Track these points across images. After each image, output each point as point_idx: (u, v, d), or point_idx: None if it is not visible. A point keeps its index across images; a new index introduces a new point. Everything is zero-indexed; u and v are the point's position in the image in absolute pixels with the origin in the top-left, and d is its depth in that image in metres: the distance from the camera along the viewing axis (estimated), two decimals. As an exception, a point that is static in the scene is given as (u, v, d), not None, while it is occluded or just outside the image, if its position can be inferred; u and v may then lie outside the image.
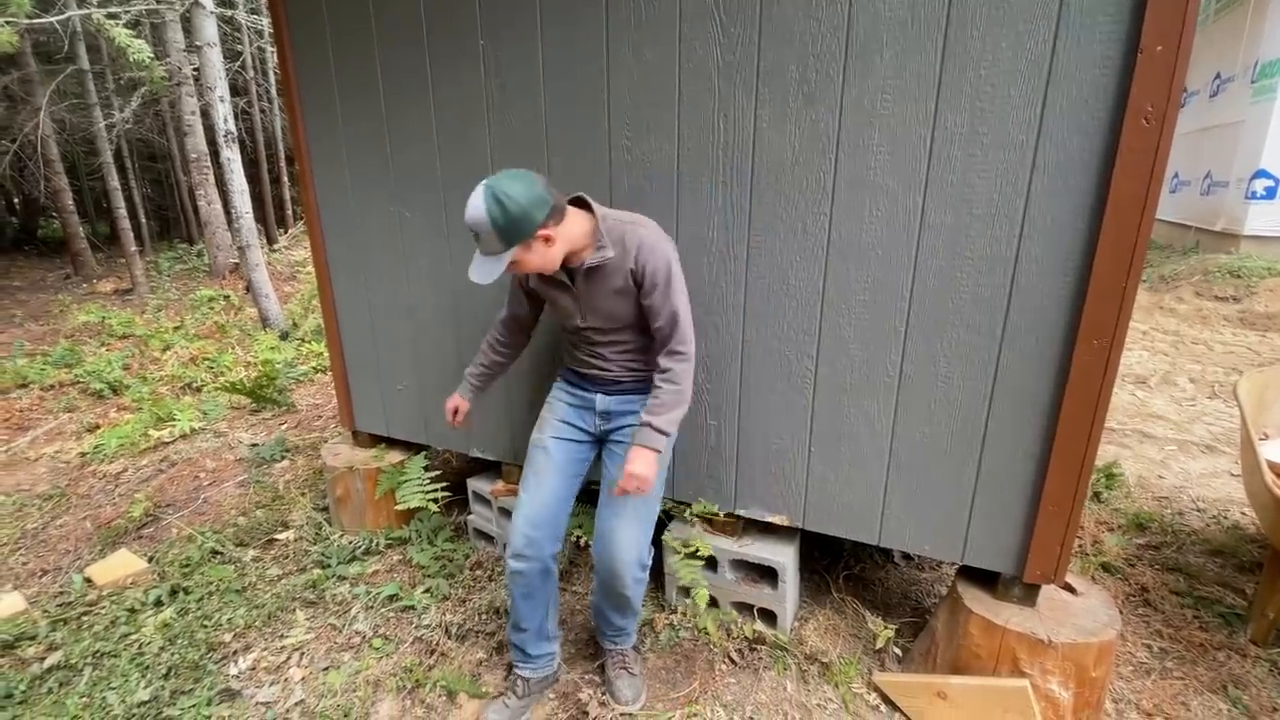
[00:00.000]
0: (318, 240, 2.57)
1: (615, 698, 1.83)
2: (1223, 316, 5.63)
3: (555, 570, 1.81)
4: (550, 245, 1.50)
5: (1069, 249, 1.46)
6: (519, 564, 1.73)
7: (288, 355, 5.24)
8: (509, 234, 1.43)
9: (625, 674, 1.87)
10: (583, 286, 1.62)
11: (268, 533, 2.75)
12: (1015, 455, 1.64)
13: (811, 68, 1.58)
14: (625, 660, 1.90)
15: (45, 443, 3.93)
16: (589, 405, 1.79)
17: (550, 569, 1.78)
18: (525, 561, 1.73)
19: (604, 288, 1.60)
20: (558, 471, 1.77)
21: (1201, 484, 2.97)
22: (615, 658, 1.90)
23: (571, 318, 1.69)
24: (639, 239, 1.55)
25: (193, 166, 7.53)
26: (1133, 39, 1.32)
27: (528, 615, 1.79)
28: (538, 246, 1.48)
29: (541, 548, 1.73)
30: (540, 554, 1.73)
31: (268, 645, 2.13)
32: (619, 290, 1.59)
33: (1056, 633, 1.63)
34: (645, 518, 1.71)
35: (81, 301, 8.29)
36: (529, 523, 1.72)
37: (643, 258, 1.54)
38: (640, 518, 1.70)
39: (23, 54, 8.58)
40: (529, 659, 1.84)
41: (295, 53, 2.35)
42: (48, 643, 2.18)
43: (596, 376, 1.76)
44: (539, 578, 1.76)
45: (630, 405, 1.75)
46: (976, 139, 1.48)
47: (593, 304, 1.64)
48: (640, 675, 1.90)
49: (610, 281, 1.59)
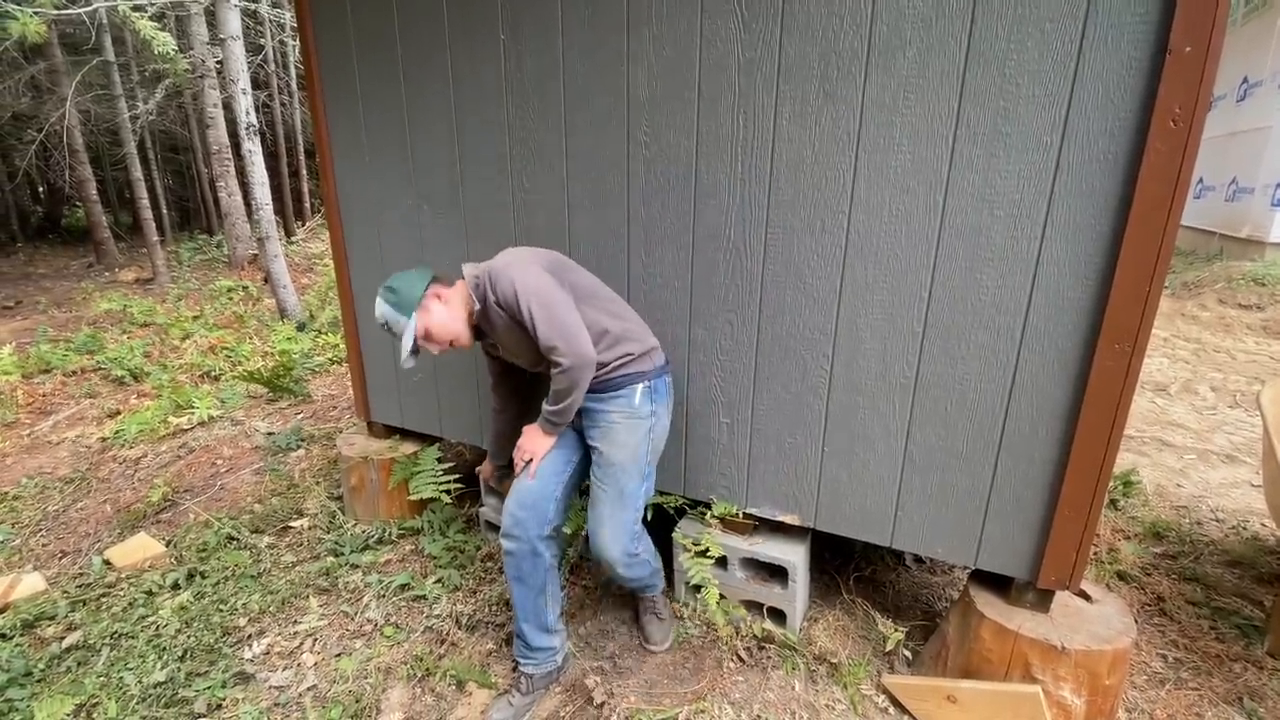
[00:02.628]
0: (337, 232, 2.59)
1: (646, 639, 2.03)
2: (1246, 324, 5.53)
3: (546, 555, 1.83)
4: (443, 301, 1.73)
5: (1092, 252, 1.44)
6: (509, 544, 1.80)
7: (304, 346, 5.30)
8: (403, 307, 1.70)
9: (655, 619, 2.05)
10: (490, 332, 1.78)
11: (283, 520, 2.78)
12: (1032, 460, 1.62)
13: (833, 64, 1.58)
14: (655, 605, 2.06)
15: (67, 427, 4.00)
16: None
17: (539, 551, 1.81)
18: (514, 541, 1.79)
19: (498, 332, 1.74)
20: (547, 458, 1.83)
21: (1221, 494, 2.92)
22: (645, 604, 2.07)
23: (510, 360, 1.88)
24: (490, 278, 1.68)
25: (214, 158, 7.63)
26: (1161, 39, 1.30)
27: (521, 599, 1.83)
28: (434, 306, 1.71)
29: (528, 528, 1.78)
30: (527, 534, 1.78)
31: (281, 630, 2.16)
32: (507, 327, 1.70)
33: (1070, 639, 1.61)
34: (625, 511, 1.78)
35: (104, 290, 8.43)
36: (518, 504, 1.79)
37: (497, 292, 1.66)
38: (619, 512, 1.77)
39: (50, 45, 8.72)
40: (531, 652, 1.86)
41: (318, 46, 2.37)
42: (67, 623, 2.22)
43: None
44: (529, 560, 1.80)
45: (599, 403, 1.78)
46: (1000, 138, 1.46)
47: (504, 341, 1.78)
48: (669, 619, 2.08)
49: (496, 324, 1.72)
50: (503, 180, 2.13)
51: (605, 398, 1.76)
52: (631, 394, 1.76)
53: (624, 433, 1.76)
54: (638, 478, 1.79)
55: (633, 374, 1.76)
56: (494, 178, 2.14)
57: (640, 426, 1.78)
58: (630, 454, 1.76)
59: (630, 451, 1.76)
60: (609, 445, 1.76)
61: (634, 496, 1.79)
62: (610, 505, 1.76)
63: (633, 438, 1.77)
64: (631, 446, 1.76)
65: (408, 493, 2.59)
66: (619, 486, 1.76)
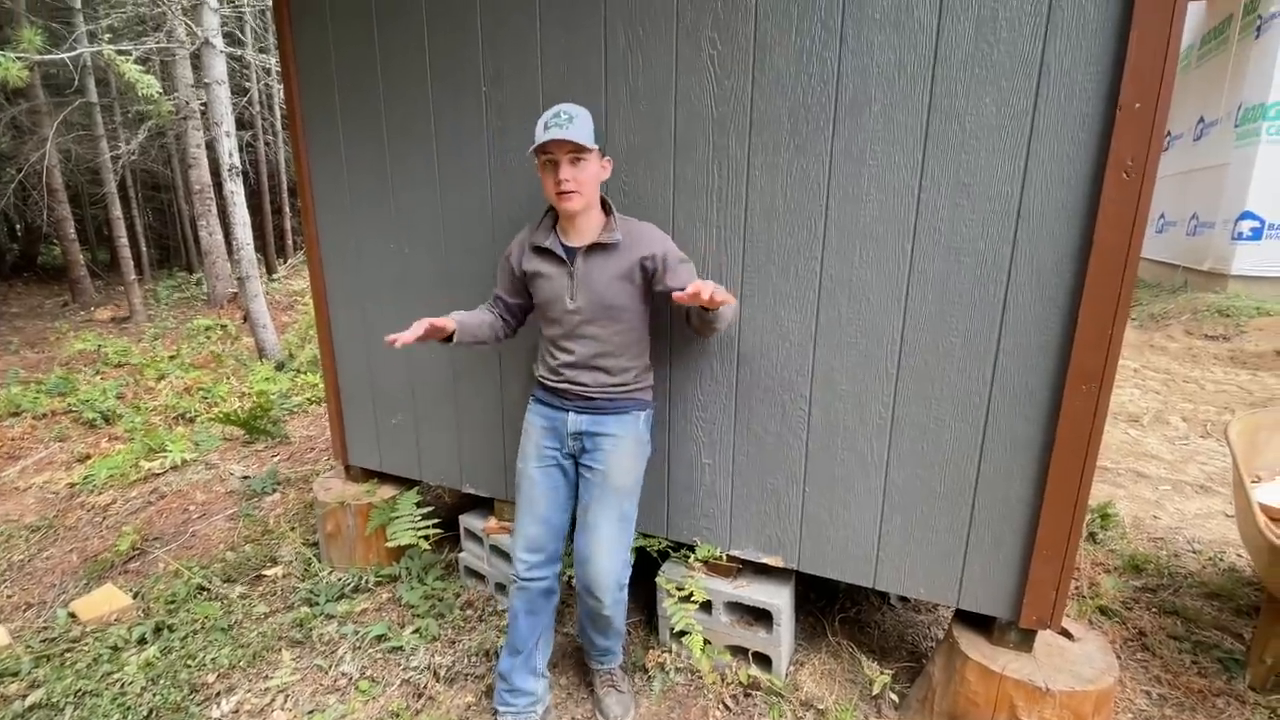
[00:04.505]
0: (317, 273, 2.59)
1: (604, 714, 1.89)
2: (1213, 355, 5.68)
3: (558, 590, 1.89)
4: (605, 172, 1.68)
5: (1055, 295, 1.49)
6: (522, 583, 1.81)
7: (283, 386, 5.23)
8: (597, 135, 1.67)
9: (614, 691, 1.93)
10: (581, 266, 1.67)
11: (256, 568, 2.71)
12: (1008, 498, 1.64)
13: (803, 119, 1.63)
14: (613, 679, 1.96)
15: (35, 472, 3.89)
16: (559, 425, 1.79)
17: (553, 587, 1.86)
18: (528, 583, 1.81)
19: (605, 271, 1.66)
20: (546, 498, 1.81)
21: (1196, 525, 2.96)
22: (603, 677, 1.96)
23: (560, 300, 1.69)
24: (646, 229, 1.69)
25: (196, 198, 7.63)
26: (1112, 95, 1.37)
27: (525, 635, 1.83)
28: (601, 165, 1.66)
29: (542, 570, 1.81)
30: (541, 576, 1.81)
31: (251, 687, 2.08)
32: (621, 276, 1.66)
33: (1054, 680, 1.61)
34: (622, 541, 1.76)
35: (78, 329, 8.29)
36: (527, 549, 1.80)
37: (656, 246, 1.66)
38: (619, 535, 1.75)
39: (32, 86, 8.75)
40: (513, 697, 1.83)
41: (301, 91, 2.41)
42: (30, 680, 2.13)
43: (566, 390, 1.77)
44: (542, 596, 1.83)
45: (602, 426, 1.76)
46: (963, 189, 1.52)
47: (588, 284, 1.66)
48: (628, 693, 1.95)
49: (613, 266, 1.65)
50: (484, 226, 2.15)
51: (616, 418, 1.76)
52: (637, 419, 1.79)
53: (629, 456, 1.76)
54: (635, 502, 1.80)
55: (642, 400, 1.81)
56: (476, 224, 2.17)
57: (642, 452, 1.81)
58: (633, 478, 1.78)
59: (633, 476, 1.78)
60: (613, 467, 1.74)
61: (631, 521, 1.79)
62: (611, 526, 1.73)
63: (636, 462, 1.79)
64: (634, 471, 1.78)
65: (385, 539, 2.54)
66: (620, 510, 1.75)
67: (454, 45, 2.04)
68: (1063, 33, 1.38)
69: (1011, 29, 1.42)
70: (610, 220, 1.68)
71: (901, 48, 1.51)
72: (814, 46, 1.59)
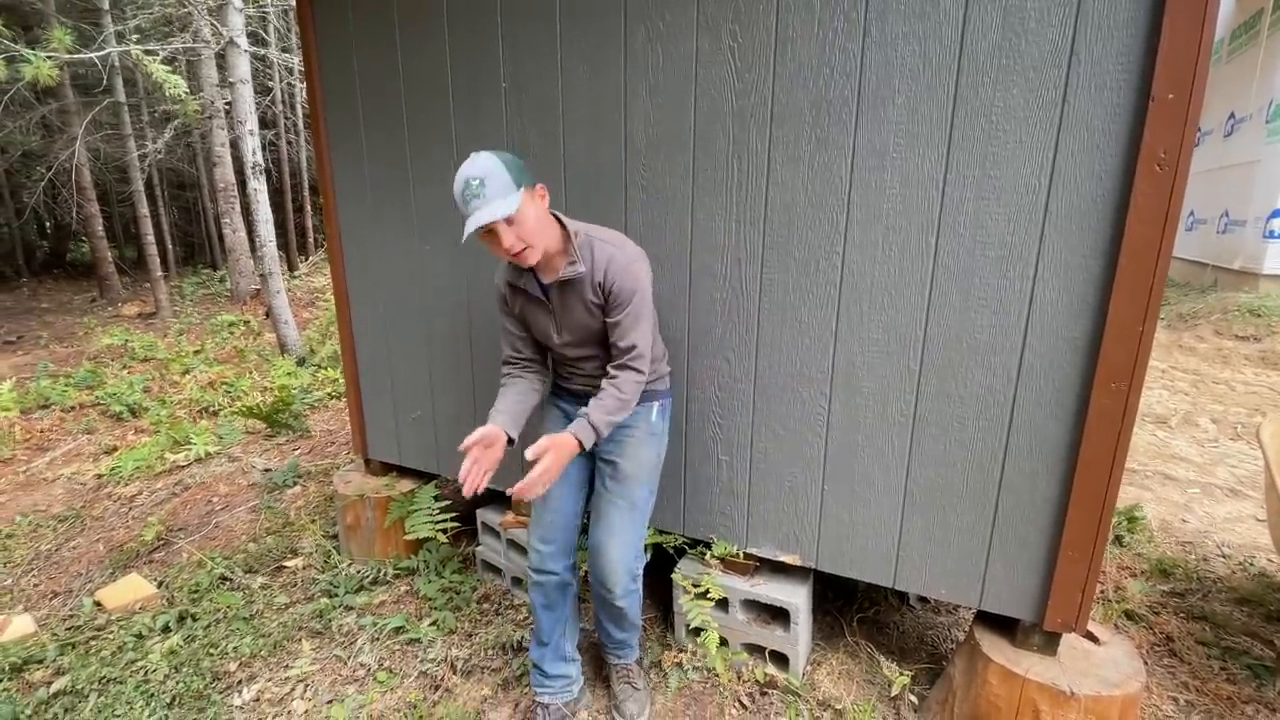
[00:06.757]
0: (338, 269, 2.62)
1: (620, 711, 1.87)
2: (1243, 356, 5.53)
3: (574, 583, 1.88)
4: (544, 203, 1.53)
5: (1084, 292, 1.46)
6: (539, 578, 1.81)
7: (304, 381, 5.30)
8: (517, 176, 1.45)
9: (629, 688, 1.92)
10: (558, 302, 1.64)
11: (277, 559, 2.75)
12: (1033, 498, 1.61)
13: (824, 112, 1.62)
14: (629, 674, 1.94)
15: (63, 464, 3.98)
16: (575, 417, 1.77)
17: (568, 581, 1.85)
18: (542, 575, 1.81)
19: (579, 302, 1.61)
20: (560, 487, 1.80)
21: (1226, 529, 2.89)
22: (620, 672, 1.95)
23: (550, 336, 1.71)
24: (609, 255, 1.56)
25: (220, 195, 7.76)
26: (1144, 86, 1.33)
27: (548, 628, 1.84)
28: (536, 201, 1.50)
29: (555, 561, 1.81)
30: (555, 568, 1.81)
31: (272, 676, 2.11)
32: (588, 304, 1.61)
33: (1079, 684, 1.58)
34: (634, 531, 1.75)
35: (106, 324, 8.48)
36: (541, 540, 1.81)
37: (611, 275, 1.55)
38: (630, 524, 1.74)
39: (61, 86, 8.94)
40: (546, 680, 1.87)
41: (324, 89, 2.43)
42: (55, 667, 2.18)
43: (581, 392, 1.80)
44: (557, 590, 1.83)
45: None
46: (989, 182, 1.49)
47: (568, 320, 1.66)
48: (645, 689, 1.94)
49: (582, 295, 1.60)
50: (502, 221, 2.15)
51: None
52: (649, 410, 1.79)
53: (642, 447, 1.77)
54: (648, 491, 1.79)
55: (655, 391, 1.80)
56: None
57: (655, 443, 1.81)
58: (646, 469, 1.78)
59: (646, 467, 1.78)
60: (626, 458, 1.75)
61: (644, 509, 1.78)
62: (621, 516, 1.73)
63: (650, 453, 1.79)
64: (644, 460, 1.78)
65: (404, 531, 2.56)
66: (631, 498, 1.74)
67: (474, 42, 2.04)
68: (1093, 22, 1.35)
69: (1040, 18, 1.39)
70: (569, 246, 1.59)
71: (926, 38, 1.48)
72: (836, 38, 1.57)
